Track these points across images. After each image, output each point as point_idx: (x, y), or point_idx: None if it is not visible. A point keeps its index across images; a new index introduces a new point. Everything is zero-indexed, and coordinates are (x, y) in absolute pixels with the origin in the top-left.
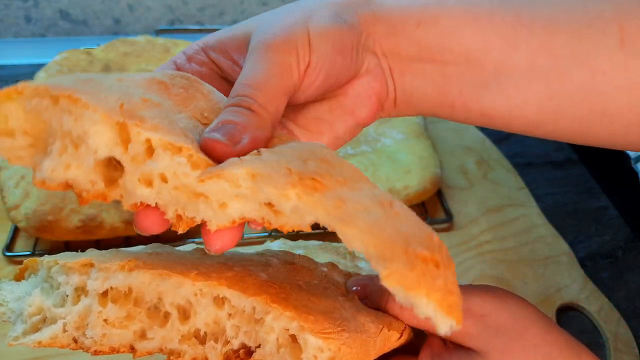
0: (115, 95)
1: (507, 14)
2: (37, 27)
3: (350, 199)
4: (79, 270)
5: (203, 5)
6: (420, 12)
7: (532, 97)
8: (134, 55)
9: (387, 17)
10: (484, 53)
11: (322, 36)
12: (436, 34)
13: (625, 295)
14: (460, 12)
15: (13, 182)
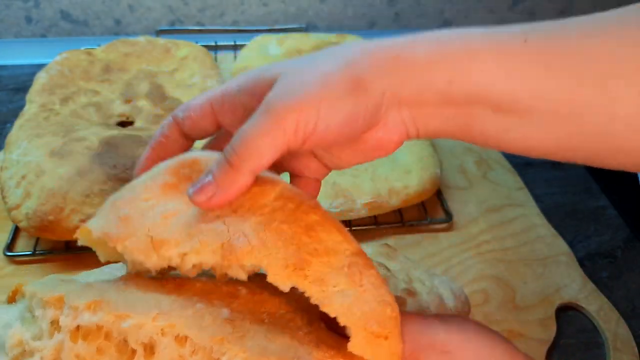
0: (145, 227)
1: (538, 65)
2: (38, 28)
3: (330, 282)
4: (54, 305)
5: (203, 6)
6: (451, 67)
7: (551, 137)
8: (135, 56)
9: (418, 76)
10: (512, 103)
11: (333, 111)
12: (466, 87)
13: (624, 295)
14: (492, 65)
15: (14, 182)
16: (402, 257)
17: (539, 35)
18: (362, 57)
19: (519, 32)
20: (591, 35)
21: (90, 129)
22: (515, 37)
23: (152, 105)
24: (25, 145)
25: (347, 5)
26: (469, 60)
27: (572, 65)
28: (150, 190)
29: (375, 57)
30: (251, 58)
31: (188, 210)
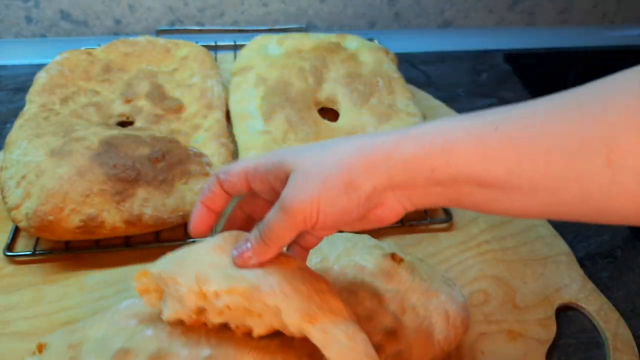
0: (194, 270)
1: (510, 149)
2: (38, 28)
3: (330, 332)
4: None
5: (203, 6)
6: (433, 160)
7: (534, 205)
8: (135, 56)
9: (403, 171)
10: (492, 181)
11: (330, 208)
12: (449, 173)
13: (624, 295)
14: (469, 152)
15: (14, 182)
16: (407, 265)
17: (507, 122)
18: (357, 160)
19: (490, 121)
20: (555, 117)
21: (90, 129)
22: (487, 126)
23: (152, 105)
24: (25, 145)
25: (347, 5)
26: (448, 153)
27: (540, 145)
28: (203, 247)
29: (367, 160)
30: (251, 58)
31: (229, 264)
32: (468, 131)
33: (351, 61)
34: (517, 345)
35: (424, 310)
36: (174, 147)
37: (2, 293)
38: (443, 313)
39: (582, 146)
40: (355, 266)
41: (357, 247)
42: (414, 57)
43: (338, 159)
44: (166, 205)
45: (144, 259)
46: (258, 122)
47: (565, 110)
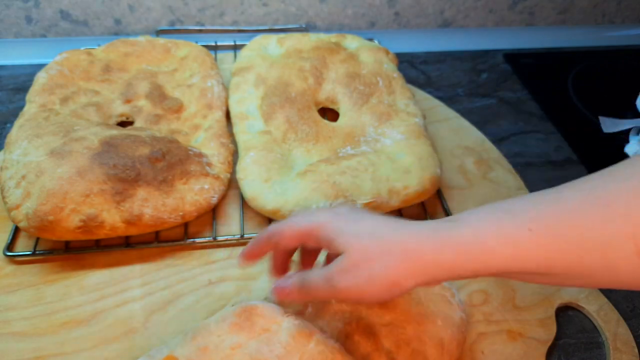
0: (218, 357)
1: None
2: (38, 28)
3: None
4: None
5: (203, 6)
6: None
7: (570, 284)
8: (135, 56)
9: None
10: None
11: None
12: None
13: (624, 295)
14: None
15: (14, 183)
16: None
17: (539, 222)
18: (404, 266)
19: (522, 221)
20: (585, 214)
21: (90, 129)
22: (520, 228)
23: (152, 105)
24: (25, 145)
25: (347, 6)
26: (488, 259)
27: (571, 238)
28: (222, 328)
29: (413, 266)
30: (251, 58)
31: (248, 342)
32: (505, 237)
33: (351, 61)
34: (517, 345)
35: (419, 343)
36: (174, 147)
37: (2, 293)
38: (438, 342)
39: (611, 240)
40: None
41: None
42: (413, 57)
43: (385, 264)
44: (166, 205)
45: (144, 259)
46: (258, 122)
47: (595, 205)
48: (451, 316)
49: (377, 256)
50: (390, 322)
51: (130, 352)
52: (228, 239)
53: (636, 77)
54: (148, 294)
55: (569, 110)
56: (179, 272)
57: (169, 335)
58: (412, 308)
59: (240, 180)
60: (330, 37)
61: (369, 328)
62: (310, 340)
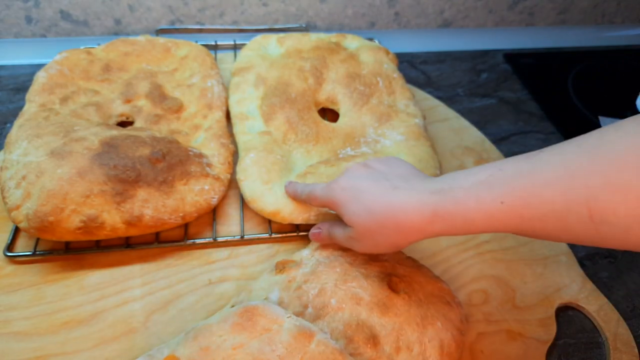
0: (220, 356)
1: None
2: (38, 28)
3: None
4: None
5: (203, 6)
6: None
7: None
8: (135, 55)
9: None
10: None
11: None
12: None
13: (624, 295)
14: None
15: (14, 183)
16: (402, 298)
17: (511, 196)
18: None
19: (497, 195)
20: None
21: (90, 129)
22: (495, 201)
23: (152, 105)
24: (25, 145)
25: (347, 5)
26: (470, 227)
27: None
28: (223, 329)
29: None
30: (251, 58)
31: (250, 342)
32: (482, 211)
33: (351, 61)
34: (517, 345)
35: (419, 345)
36: (174, 147)
37: (2, 293)
38: (438, 345)
39: (570, 207)
40: (352, 298)
41: (354, 266)
42: (413, 57)
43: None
44: (166, 206)
45: (144, 259)
46: (258, 123)
47: (560, 178)
48: (451, 318)
49: (376, 230)
50: (390, 324)
51: (130, 351)
52: (228, 240)
53: (636, 77)
54: (148, 294)
55: (569, 110)
56: (179, 272)
57: (169, 335)
58: (411, 310)
59: (241, 182)
60: (331, 37)
61: (369, 330)
62: (311, 340)
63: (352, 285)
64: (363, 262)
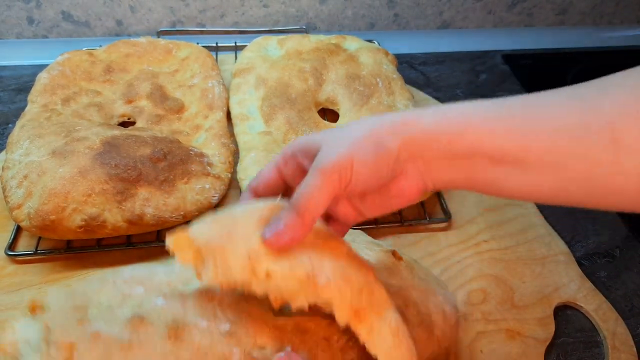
0: (244, 246)
1: (519, 126)
2: (39, 28)
3: (377, 330)
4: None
5: (204, 7)
6: (449, 133)
7: (543, 183)
8: (136, 56)
9: (424, 137)
10: (504, 156)
11: (362, 164)
12: (465, 145)
13: (623, 294)
14: (483, 128)
15: (16, 182)
16: (406, 264)
17: (518, 107)
18: (383, 126)
19: (504, 105)
20: (562, 103)
21: (92, 129)
22: (500, 108)
23: (153, 105)
24: (27, 145)
25: (346, 7)
26: (464, 128)
27: (548, 125)
28: (250, 219)
29: (392, 126)
30: (252, 59)
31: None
32: (484, 112)
33: (351, 62)
34: (515, 344)
35: (425, 308)
36: (175, 147)
37: (4, 292)
38: (441, 312)
39: (588, 127)
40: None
41: (356, 242)
42: (413, 58)
43: (365, 127)
44: (167, 204)
45: (145, 258)
46: (259, 123)
47: (571, 98)
48: (448, 297)
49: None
50: (397, 286)
51: None
52: None
53: None
54: None
55: None
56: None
57: None
58: (415, 279)
59: (241, 181)
60: (330, 38)
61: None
62: (346, 244)
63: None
64: (363, 241)
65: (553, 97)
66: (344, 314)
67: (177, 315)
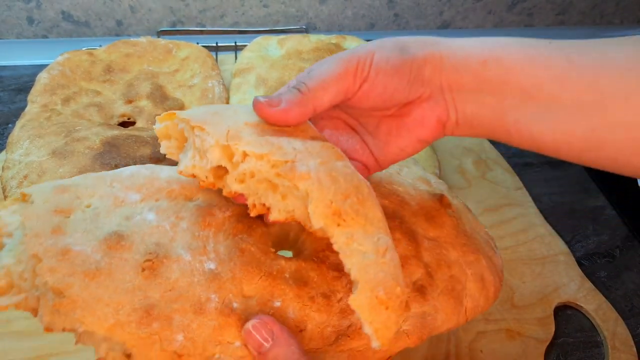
0: (227, 124)
1: (560, 57)
2: (40, 28)
3: (357, 240)
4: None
5: (204, 7)
6: (485, 53)
7: (578, 128)
8: (136, 56)
9: (454, 56)
10: (537, 89)
11: (383, 59)
12: (497, 71)
13: (622, 294)
14: (519, 54)
15: (16, 182)
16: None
17: (562, 41)
18: (410, 38)
19: (542, 40)
20: (609, 43)
21: (92, 129)
22: (540, 40)
23: (154, 105)
24: (27, 145)
25: (346, 7)
26: (500, 49)
27: (592, 60)
28: (245, 107)
29: (420, 39)
30: (252, 59)
31: (268, 127)
32: (521, 41)
33: None
34: (515, 344)
35: (460, 272)
36: None
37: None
38: (479, 279)
39: (633, 66)
40: (397, 198)
41: (402, 174)
42: None
43: (392, 39)
44: None
45: None
46: None
47: (621, 42)
48: (495, 263)
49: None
50: (434, 238)
51: None
52: None
53: None
54: None
55: None
56: None
57: None
58: (458, 235)
59: None
60: (330, 38)
61: (411, 233)
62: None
63: (399, 188)
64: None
65: (600, 40)
66: (320, 211)
67: (162, 239)
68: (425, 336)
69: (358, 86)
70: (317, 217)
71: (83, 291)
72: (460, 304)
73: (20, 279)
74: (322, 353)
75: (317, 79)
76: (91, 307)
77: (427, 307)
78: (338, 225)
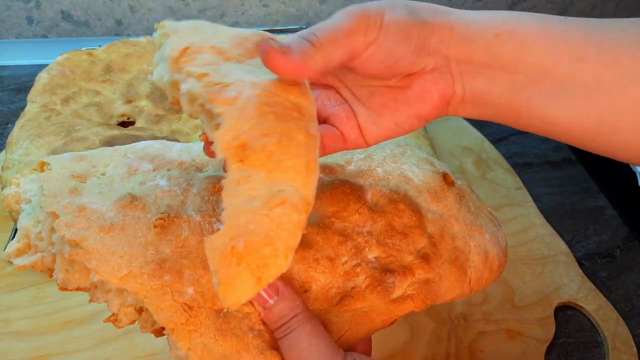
0: (192, 39)
1: (578, 33)
2: (39, 28)
3: (252, 182)
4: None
5: (204, 7)
6: (499, 25)
7: (593, 109)
8: (136, 56)
9: (465, 26)
10: (554, 66)
11: (393, 20)
12: (511, 45)
13: (623, 294)
14: (535, 28)
15: None
16: (457, 190)
17: (578, 18)
18: (420, 3)
19: (560, 17)
20: (628, 22)
21: (92, 129)
22: (555, 16)
23: (153, 105)
24: (27, 145)
25: (346, 7)
26: (514, 22)
27: (612, 38)
28: (225, 33)
29: (432, 6)
30: None
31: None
32: (536, 15)
33: None
34: (516, 345)
35: (464, 244)
36: None
37: (3, 292)
38: (483, 252)
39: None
40: (400, 175)
41: (406, 156)
42: None
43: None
44: None
45: None
46: None
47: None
48: (498, 237)
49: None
50: (438, 212)
51: (130, 351)
52: None
53: None
54: None
55: None
56: None
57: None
58: (462, 210)
59: None
60: None
61: (415, 206)
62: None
63: (403, 166)
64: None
65: (618, 20)
66: (225, 140)
67: (173, 202)
68: (429, 302)
69: (365, 47)
70: (220, 145)
71: (98, 243)
72: (464, 273)
73: (37, 239)
74: (326, 313)
75: (328, 31)
76: (105, 258)
77: (431, 274)
78: (240, 160)
